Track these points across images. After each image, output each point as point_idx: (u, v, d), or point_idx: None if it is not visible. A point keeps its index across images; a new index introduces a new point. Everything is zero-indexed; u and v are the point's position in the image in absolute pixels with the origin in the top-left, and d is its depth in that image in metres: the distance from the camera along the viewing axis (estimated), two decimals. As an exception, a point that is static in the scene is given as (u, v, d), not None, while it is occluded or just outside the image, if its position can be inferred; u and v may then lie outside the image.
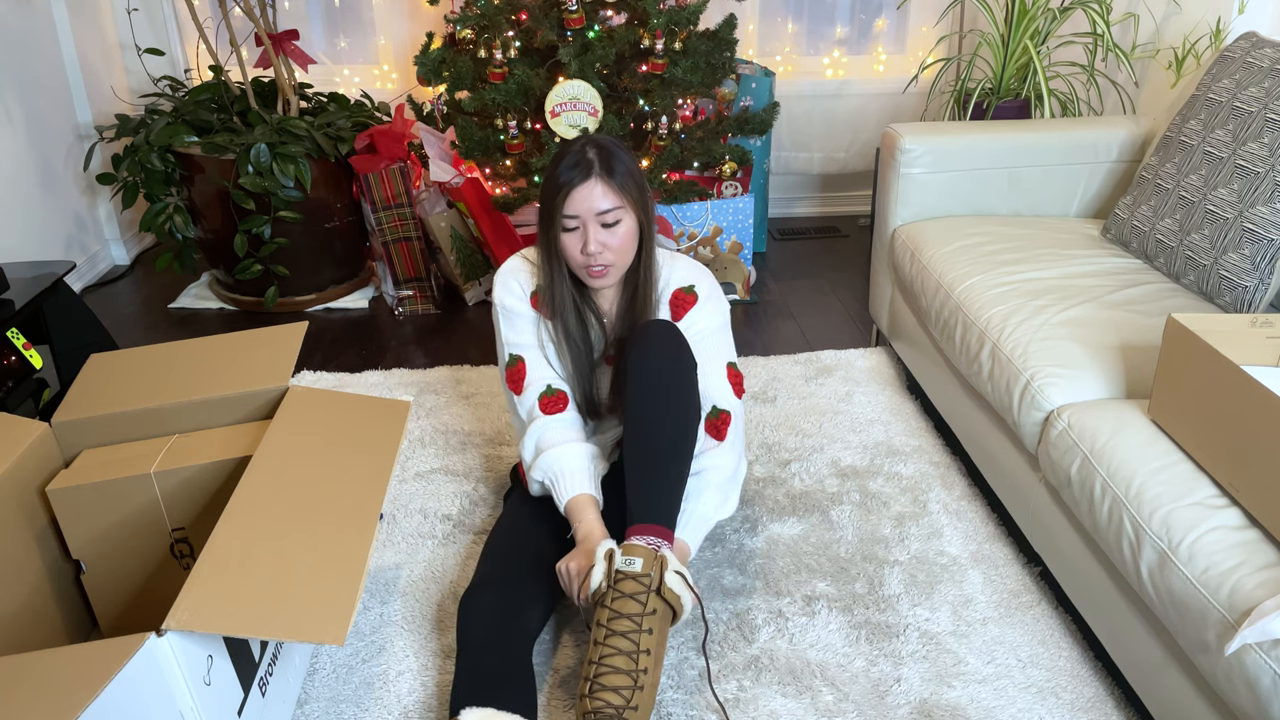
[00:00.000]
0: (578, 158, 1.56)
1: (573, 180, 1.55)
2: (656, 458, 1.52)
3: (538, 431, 1.67)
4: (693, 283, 1.72)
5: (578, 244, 1.58)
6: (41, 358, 2.06)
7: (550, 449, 1.65)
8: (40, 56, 2.97)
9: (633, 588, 1.40)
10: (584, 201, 1.55)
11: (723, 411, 1.68)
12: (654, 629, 1.40)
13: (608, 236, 1.58)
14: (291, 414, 1.55)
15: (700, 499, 1.62)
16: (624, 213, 1.58)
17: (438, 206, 2.90)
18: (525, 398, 1.70)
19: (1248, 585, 1.19)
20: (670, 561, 1.44)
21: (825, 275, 3.22)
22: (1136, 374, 1.66)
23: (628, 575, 1.41)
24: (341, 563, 1.28)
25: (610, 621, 1.39)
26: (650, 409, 1.53)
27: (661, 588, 1.41)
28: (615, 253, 1.59)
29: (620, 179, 1.57)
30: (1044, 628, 1.66)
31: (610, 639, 1.39)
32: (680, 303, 1.71)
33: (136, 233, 3.47)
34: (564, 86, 2.67)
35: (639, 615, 1.39)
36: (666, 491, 1.52)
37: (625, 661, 1.37)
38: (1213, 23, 2.45)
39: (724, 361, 1.72)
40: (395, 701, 1.54)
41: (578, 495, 1.61)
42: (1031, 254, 2.08)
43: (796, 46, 3.57)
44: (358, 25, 3.48)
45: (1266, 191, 1.75)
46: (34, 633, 1.47)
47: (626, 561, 1.42)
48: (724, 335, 1.74)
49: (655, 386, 1.54)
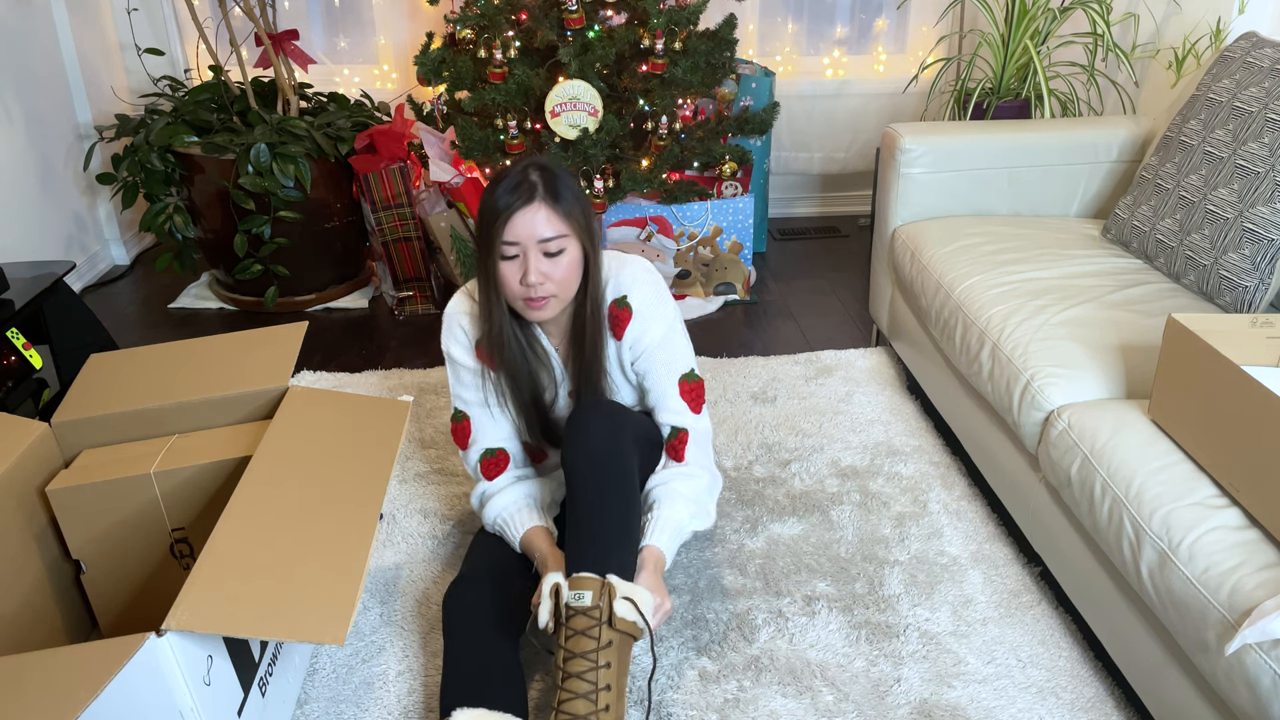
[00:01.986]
0: (519, 179, 1.45)
1: (514, 204, 1.43)
2: (602, 523, 1.45)
3: (480, 491, 1.67)
4: (624, 293, 1.57)
5: (516, 273, 1.47)
6: (41, 358, 2.06)
7: (491, 499, 1.64)
8: (40, 56, 2.97)
9: (583, 623, 1.36)
10: (525, 227, 1.44)
11: (679, 431, 1.61)
12: (611, 662, 1.36)
13: (550, 266, 1.47)
14: (291, 414, 1.55)
15: (673, 505, 1.56)
16: (568, 241, 1.47)
17: (438, 206, 2.90)
18: (469, 455, 1.67)
19: (1248, 585, 1.19)
20: (619, 589, 1.39)
21: (825, 275, 3.22)
22: (1136, 374, 1.66)
23: (577, 610, 1.37)
24: (341, 563, 1.28)
25: (567, 663, 1.36)
26: (589, 503, 1.46)
27: (613, 619, 1.37)
28: (558, 284, 1.48)
29: (565, 204, 1.46)
30: (1044, 628, 1.66)
31: (568, 681, 1.35)
32: (616, 319, 1.59)
33: (136, 233, 3.47)
34: (564, 86, 2.67)
35: (593, 652, 1.35)
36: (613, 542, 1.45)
37: (584, 705, 1.33)
38: (1213, 23, 2.45)
39: (675, 376, 1.62)
40: (395, 701, 1.54)
41: (525, 531, 1.59)
42: (1031, 254, 2.08)
43: (796, 46, 3.57)
44: (358, 25, 3.48)
45: (1266, 191, 1.75)
46: (34, 633, 1.47)
47: (575, 596, 1.37)
48: (669, 347, 1.61)
49: (592, 480, 1.46)
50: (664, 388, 1.61)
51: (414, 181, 2.85)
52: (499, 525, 1.64)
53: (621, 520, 1.46)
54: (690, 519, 1.58)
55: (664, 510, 1.55)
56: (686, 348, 1.64)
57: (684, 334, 1.65)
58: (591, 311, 1.57)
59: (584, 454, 1.47)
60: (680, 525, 1.56)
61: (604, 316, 1.59)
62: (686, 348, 1.64)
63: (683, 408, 1.62)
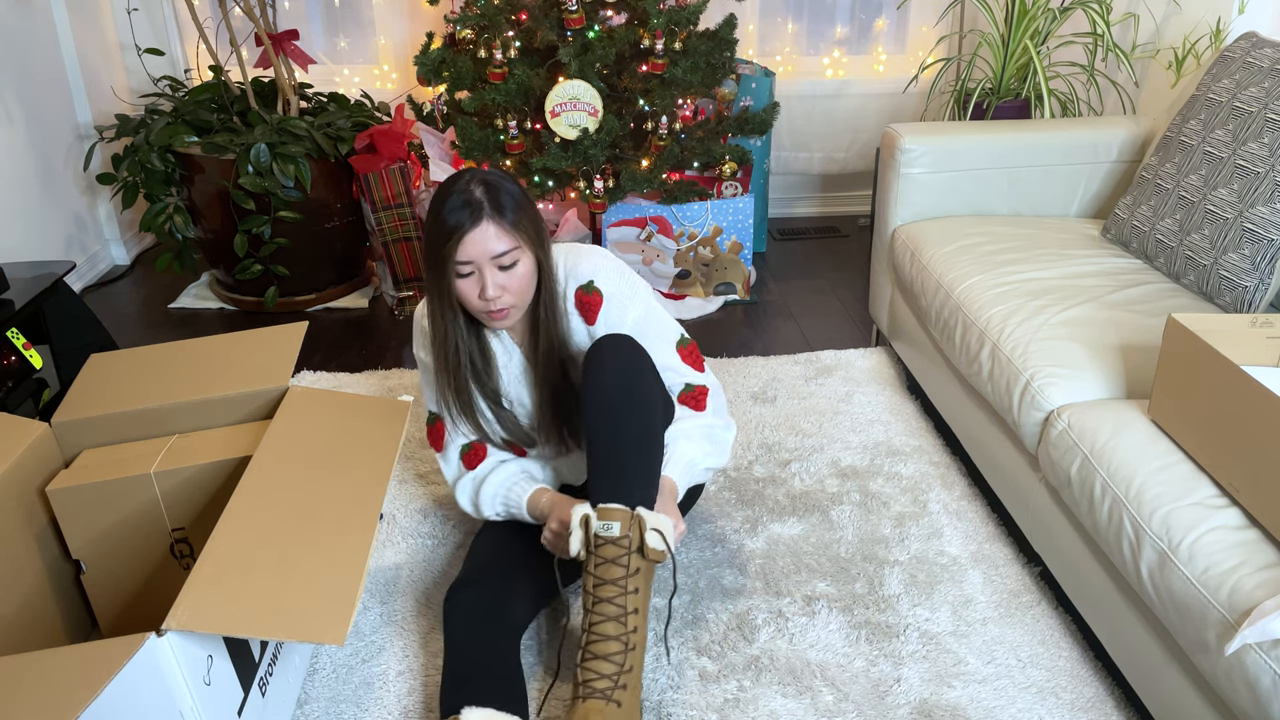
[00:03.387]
0: (464, 197, 1.45)
1: (463, 224, 1.44)
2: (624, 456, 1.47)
3: (469, 480, 1.69)
4: (590, 278, 1.59)
5: (474, 289, 1.48)
6: (41, 358, 2.06)
7: (485, 481, 1.67)
8: (40, 56, 2.97)
9: (613, 552, 1.42)
10: (477, 245, 1.45)
11: (696, 386, 1.65)
12: (639, 587, 1.44)
13: (506, 279, 1.48)
14: (291, 414, 1.55)
15: (689, 441, 1.61)
16: (520, 252, 1.48)
17: (438, 206, 2.90)
18: (448, 454, 1.69)
19: (1248, 585, 1.19)
20: (648, 519, 1.44)
21: (825, 275, 3.22)
22: (1136, 374, 1.66)
23: (606, 540, 1.43)
24: (341, 563, 1.28)
25: (596, 588, 1.43)
26: (610, 420, 1.48)
27: (644, 548, 1.43)
28: (515, 294, 1.50)
29: (512, 216, 1.46)
30: (1044, 628, 1.66)
31: (598, 606, 1.42)
32: (586, 304, 1.60)
33: (136, 233, 3.47)
34: (564, 86, 2.67)
35: (623, 579, 1.42)
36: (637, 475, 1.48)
37: (615, 627, 1.41)
38: (1213, 23, 2.45)
39: (671, 343, 1.65)
40: (395, 701, 1.54)
41: (531, 494, 1.63)
42: (1031, 254, 2.08)
43: (796, 46, 3.57)
44: (358, 25, 3.48)
45: (1266, 191, 1.75)
46: (34, 633, 1.47)
47: (604, 526, 1.43)
48: (655, 320, 1.64)
49: (612, 401, 1.48)
50: (664, 359, 1.65)
51: (414, 181, 2.85)
52: (501, 498, 1.66)
53: (644, 449, 1.49)
54: (703, 455, 1.63)
55: (679, 447, 1.61)
56: (669, 318, 1.69)
57: (661, 305, 1.70)
58: (548, 310, 1.59)
59: (602, 385, 1.49)
60: (694, 461, 1.61)
61: (563, 310, 1.61)
62: (669, 318, 1.69)
63: (688, 370, 1.67)
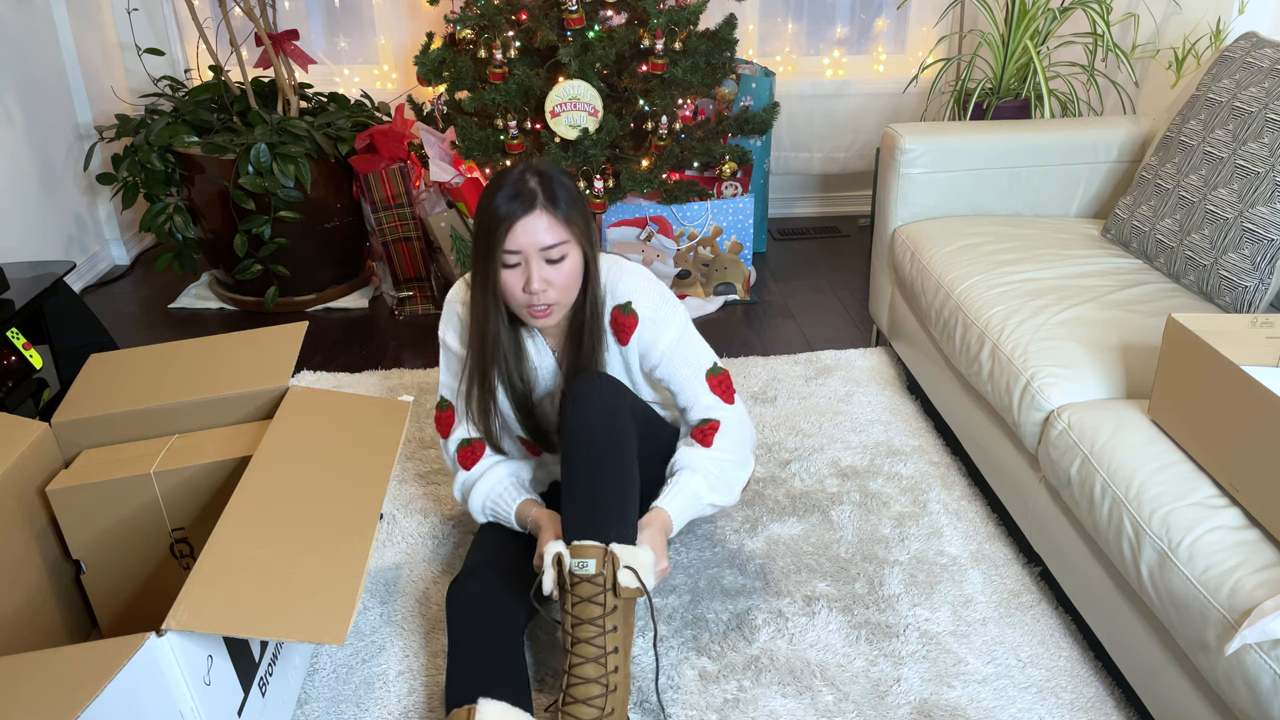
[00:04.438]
0: (518, 187, 1.44)
1: (514, 213, 1.43)
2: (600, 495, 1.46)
3: (460, 481, 1.68)
4: (629, 299, 1.57)
5: (519, 281, 1.47)
6: (41, 358, 2.06)
7: (474, 488, 1.66)
8: (40, 56, 2.97)
9: (589, 590, 1.39)
10: (527, 235, 1.43)
11: (709, 421, 1.62)
12: (618, 625, 1.40)
13: (552, 273, 1.46)
14: (291, 414, 1.55)
15: (694, 474, 1.58)
16: (569, 247, 1.47)
17: (438, 206, 2.90)
18: (449, 445, 1.68)
19: (1248, 585, 1.19)
20: (621, 557, 1.41)
21: (825, 275, 3.22)
22: (1136, 374, 1.66)
23: (581, 578, 1.39)
24: (341, 563, 1.28)
25: (575, 628, 1.39)
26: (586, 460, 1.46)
27: (616, 587, 1.40)
28: (559, 290, 1.48)
29: (565, 210, 1.45)
30: (1044, 628, 1.66)
31: (577, 647, 1.39)
32: (621, 325, 1.58)
33: (136, 233, 3.47)
34: (564, 86, 2.67)
35: (600, 618, 1.39)
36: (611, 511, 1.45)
37: (594, 669, 1.37)
38: (1213, 23, 2.45)
39: (701, 371, 1.63)
40: (395, 701, 1.54)
41: (518, 506, 1.62)
42: (1031, 254, 2.08)
43: (796, 46, 3.57)
44: (358, 25, 3.48)
45: (1266, 191, 1.75)
46: (34, 633, 1.47)
47: (579, 565, 1.39)
48: (688, 346, 1.62)
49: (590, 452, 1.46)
50: (694, 387, 1.62)
51: (414, 181, 2.85)
52: (489, 509, 1.66)
53: (620, 488, 1.47)
54: (708, 491, 1.59)
55: (681, 479, 1.57)
56: (703, 344, 1.66)
57: (696, 331, 1.67)
58: (591, 314, 1.57)
59: (581, 423, 1.48)
60: (696, 494, 1.57)
61: (604, 321, 1.59)
62: (703, 344, 1.66)
63: (714, 401, 1.63)
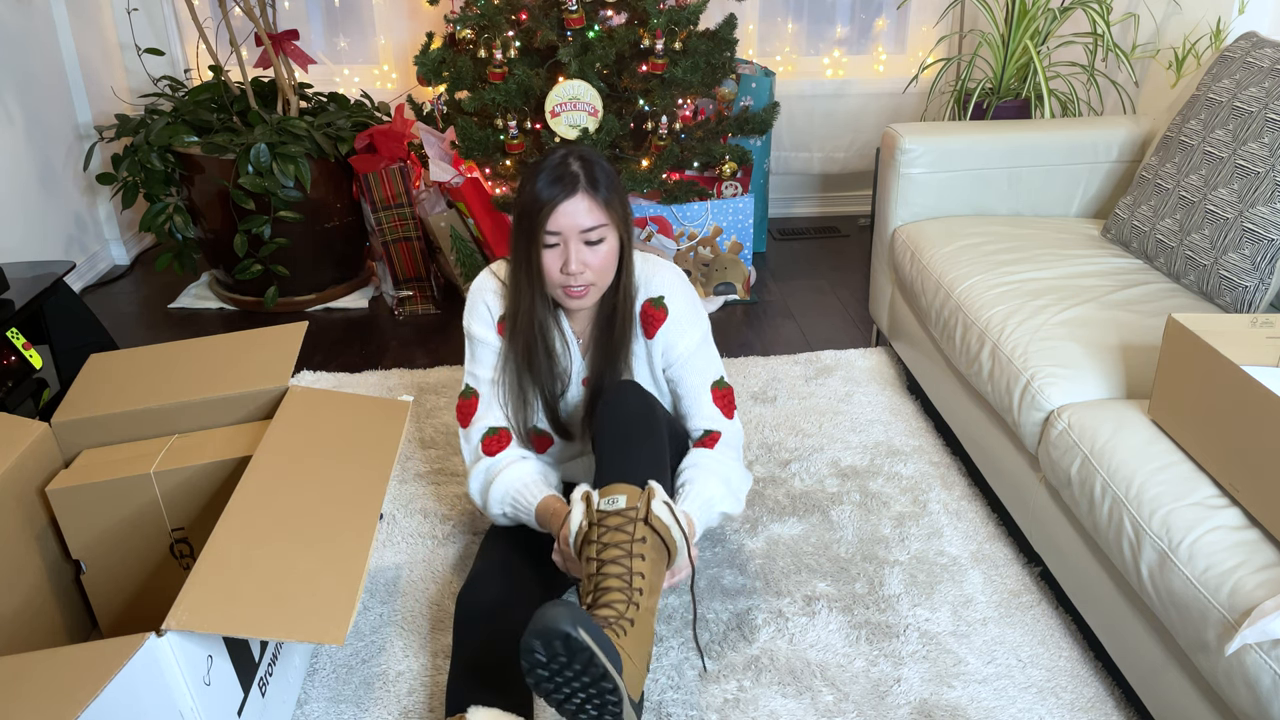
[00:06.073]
0: (561, 170, 1.47)
1: (556, 195, 1.46)
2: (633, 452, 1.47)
3: (484, 468, 1.63)
4: (662, 294, 1.62)
5: (558, 262, 1.50)
6: (41, 358, 2.06)
7: (498, 476, 1.61)
8: (40, 56, 2.97)
9: (617, 521, 1.34)
10: (568, 217, 1.47)
11: (711, 432, 1.63)
12: (646, 555, 1.33)
13: (590, 255, 1.50)
14: (291, 414, 1.55)
15: (706, 483, 1.56)
16: (608, 230, 1.50)
17: (438, 206, 2.90)
18: (471, 433, 1.65)
19: (1248, 585, 1.19)
20: (656, 492, 1.38)
21: (825, 275, 3.22)
22: (1136, 374, 1.66)
23: (610, 512, 1.35)
24: (341, 563, 1.28)
25: (600, 553, 1.33)
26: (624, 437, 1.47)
27: (649, 516, 1.35)
28: (596, 272, 1.52)
29: (605, 194, 1.49)
30: (1044, 628, 1.66)
31: (603, 568, 1.32)
32: (650, 318, 1.62)
33: (136, 233, 3.47)
34: (564, 86, 2.67)
35: (627, 543, 1.33)
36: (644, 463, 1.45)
37: (619, 584, 1.31)
38: (1213, 23, 2.45)
39: (708, 383, 1.65)
40: (395, 701, 1.54)
41: (541, 501, 1.57)
42: (1031, 254, 2.08)
43: (796, 46, 3.57)
44: (358, 25, 3.48)
45: (1266, 191, 1.75)
46: (34, 633, 1.47)
47: (608, 501, 1.36)
48: (704, 354, 1.65)
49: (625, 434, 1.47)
50: (697, 395, 1.64)
51: (414, 181, 2.85)
52: (512, 498, 1.60)
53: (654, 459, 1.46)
54: (720, 498, 1.57)
55: (694, 487, 1.55)
56: (717, 356, 1.68)
57: (713, 344, 1.69)
58: (623, 298, 1.59)
59: (615, 418, 1.49)
60: (710, 499, 1.55)
61: (635, 310, 1.61)
62: (717, 356, 1.68)
63: (715, 413, 1.65)
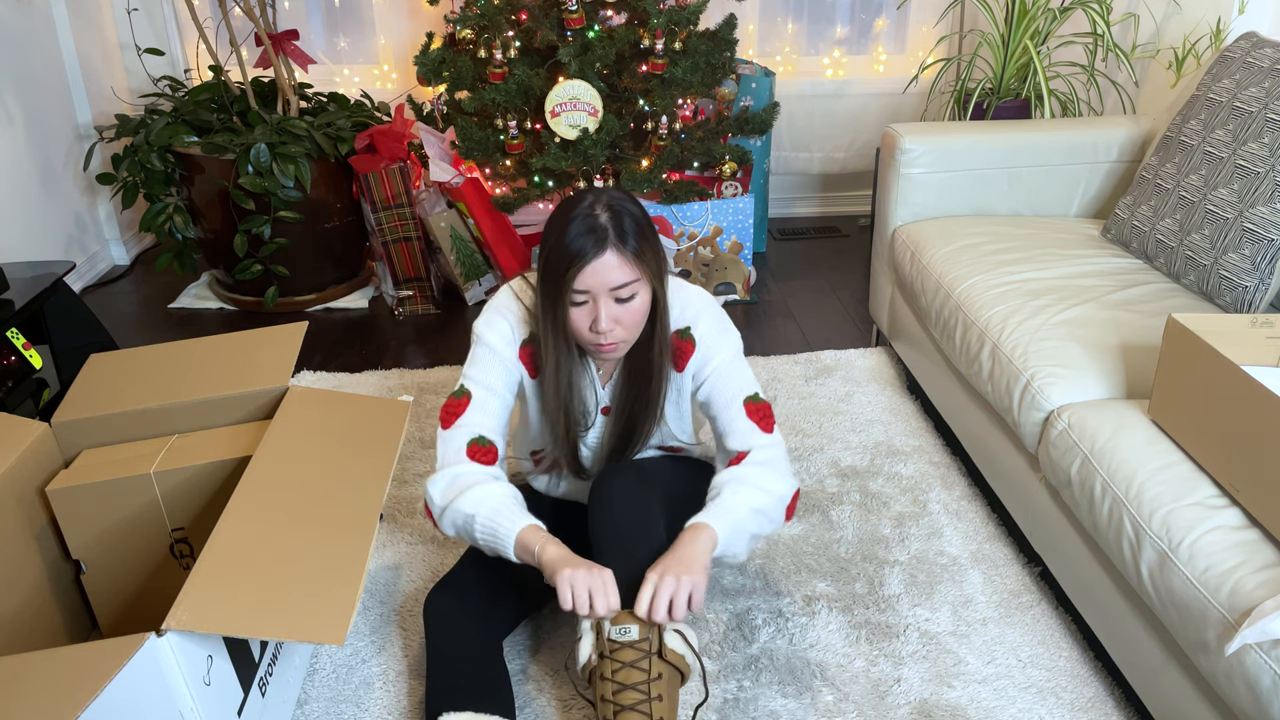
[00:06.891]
0: (589, 223, 1.37)
1: (585, 252, 1.36)
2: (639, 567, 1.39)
3: (456, 471, 1.49)
4: (688, 324, 1.54)
5: (587, 320, 1.41)
6: (41, 358, 2.06)
7: (471, 489, 1.45)
8: (40, 56, 2.97)
9: (631, 655, 1.30)
10: (597, 276, 1.37)
11: (740, 452, 1.52)
12: (664, 695, 1.29)
13: (621, 312, 1.41)
14: (291, 414, 1.55)
15: (736, 494, 1.45)
16: (639, 285, 1.41)
17: (438, 206, 2.90)
18: (453, 435, 1.52)
19: (1248, 585, 1.19)
20: (668, 624, 1.33)
21: (825, 275, 3.22)
22: (1136, 374, 1.66)
23: (623, 644, 1.30)
24: (341, 563, 1.28)
25: (616, 695, 1.28)
26: (624, 543, 1.42)
27: (663, 650, 1.32)
28: (628, 328, 1.43)
29: (635, 244, 1.38)
30: (1044, 628, 1.66)
31: (621, 715, 1.27)
32: (679, 351, 1.55)
33: (136, 233, 3.47)
34: (564, 86, 2.67)
35: (644, 684, 1.29)
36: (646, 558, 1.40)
37: None
38: (1213, 23, 2.45)
39: (740, 396, 1.55)
40: (395, 701, 1.54)
41: (525, 528, 1.42)
42: (1031, 254, 2.08)
43: (796, 46, 3.57)
44: (358, 25, 3.48)
45: (1266, 191, 1.75)
46: (34, 633, 1.47)
47: (620, 631, 1.30)
48: (734, 372, 1.56)
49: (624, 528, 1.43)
50: (732, 413, 1.54)
51: (414, 181, 2.85)
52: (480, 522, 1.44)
53: (651, 552, 1.41)
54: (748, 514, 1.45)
55: (723, 499, 1.45)
56: (749, 373, 1.58)
57: (746, 362, 1.60)
58: (659, 351, 1.51)
59: (608, 519, 1.44)
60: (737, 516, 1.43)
61: (667, 351, 1.53)
62: (749, 373, 1.58)
63: (750, 428, 1.54)
